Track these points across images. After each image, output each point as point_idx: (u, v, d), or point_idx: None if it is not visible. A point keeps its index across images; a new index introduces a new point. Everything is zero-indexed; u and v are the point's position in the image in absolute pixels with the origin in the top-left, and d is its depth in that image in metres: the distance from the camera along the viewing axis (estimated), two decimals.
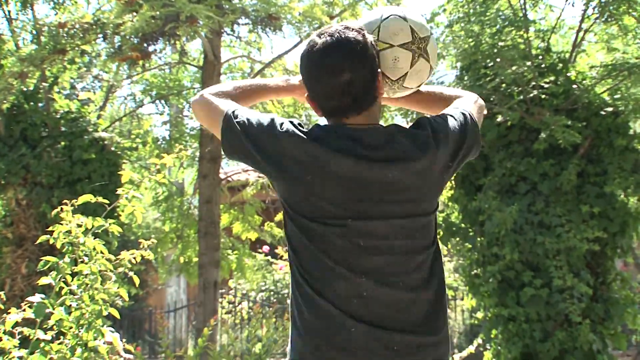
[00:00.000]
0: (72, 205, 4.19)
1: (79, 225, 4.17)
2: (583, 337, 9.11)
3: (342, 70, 2.85)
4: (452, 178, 10.45)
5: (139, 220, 4.45)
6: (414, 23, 3.05)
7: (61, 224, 4.14)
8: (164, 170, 12.54)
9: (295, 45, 12.60)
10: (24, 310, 3.85)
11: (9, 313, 3.90)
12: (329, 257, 2.81)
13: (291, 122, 2.92)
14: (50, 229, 4.18)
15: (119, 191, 4.55)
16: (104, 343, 4.10)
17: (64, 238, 4.12)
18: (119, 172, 11.09)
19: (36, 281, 10.38)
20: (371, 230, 2.82)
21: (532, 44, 10.00)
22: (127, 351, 4.37)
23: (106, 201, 4.24)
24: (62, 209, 4.19)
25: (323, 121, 3.07)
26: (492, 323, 9.71)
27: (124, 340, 4.43)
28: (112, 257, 4.23)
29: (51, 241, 4.12)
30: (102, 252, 4.17)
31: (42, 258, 4.10)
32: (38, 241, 4.18)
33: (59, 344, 4.04)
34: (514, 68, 9.41)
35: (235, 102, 3.06)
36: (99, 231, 4.22)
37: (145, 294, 20.86)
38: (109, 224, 4.24)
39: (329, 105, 2.94)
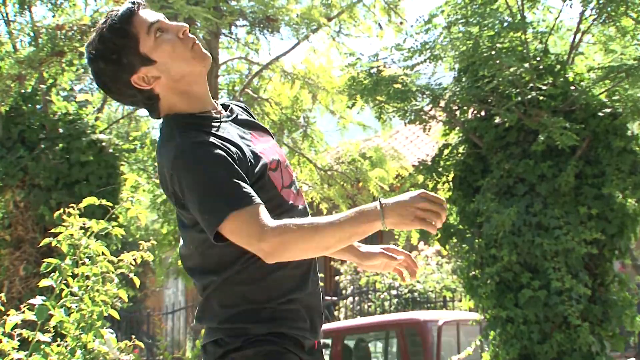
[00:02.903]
0: (78, 209, 4.19)
1: (82, 228, 4.18)
2: (582, 338, 9.12)
3: None
4: (450, 180, 10.47)
5: (143, 222, 4.47)
6: None
7: (64, 226, 4.15)
8: None
9: (293, 47, 12.61)
10: (24, 312, 3.86)
11: (8, 315, 3.91)
12: None
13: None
14: (52, 231, 4.18)
15: (123, 194, 4.58)
16: (104, 345, 4.11)
17: (67, 241, 4.13)
18: (121, 175, 11.11)
19: (34, 283, 10.35)
20: None
21: (530, 46, 10.01)
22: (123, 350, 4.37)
23: (109, 204, 4.25)
24: (64, 211, 4.19)
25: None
26: (491, 324, 9.71)
27: (132, 337, 4.44)
28: (114, 259, 4.24)
29: (54, 243, 4.12)
30: (103, 254, 4.17)
31: (42, 260, 4.11)
32: (41, 244, 4.19)
33: (58, 345, 4.04)
34: (512, 70, 9.41)
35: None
36: (102, 234, 4.23)
37: (143, 295, 20.88)
38: (112, 226, 4.25)
39: None
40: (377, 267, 3.22)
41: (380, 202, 2.51)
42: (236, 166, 2.61)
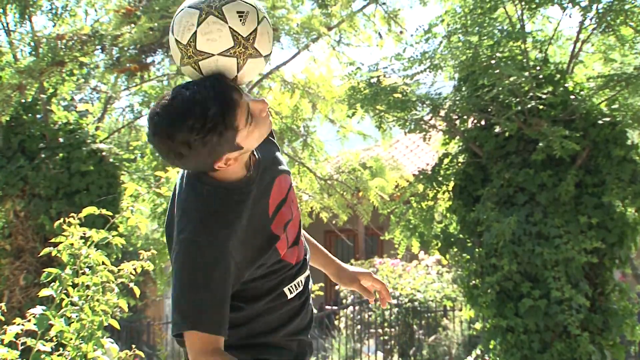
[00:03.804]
0: (78, 219, 4.20)
1: (82, 238, 4.18)
2: (582, 348, 9.11)
3: None
4: (450, 189, 10.48)
5: (143, 231, 4.48)
6: (234, 20, 2.63)
7: (64, 236, 4.15)
8: (168, 184, 12.53)
9: (294, 56, 12.62)
10: (29, 320, 3.86)
11: (11, 324, 3.91)
12: None
13: None
14: (53, 240, 4.19)
15: (123, 204, 4.59)
16: (104, 354, 4.11)
17: (67, 250, 4.13)
18: (122, 185, 11.11)
19: (34, 293, 10.33)
20: None
21: (530, 55, 10.02)
22: None
23: (110, 213, 4.25)
24: (65, 221, 4.20)
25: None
26: (491, 334, 9.71)
27: (133, 346, 4.44)
28: (115, 269, 4.24)
29: (54, 253, 4.12)
30: (104, 264, 4.18)
31: (42, 270, 4.11)
32: (41, 253, 4.19)
33: (58, 355, 4.04)
34: (511, 79, 9.42)
35: None
36: (102, 243, 4.23)
37: (143, 305, 20.84)
38: (112, 236, 4.26)
39: None
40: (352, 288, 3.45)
41: None
42: (228, 281, 2.72)
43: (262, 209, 2.86)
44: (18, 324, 3.87)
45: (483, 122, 10.27)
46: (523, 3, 9.92)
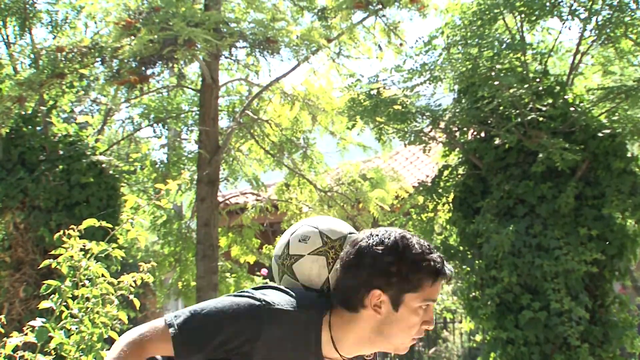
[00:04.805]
0: (78, 231, 4.19)
1: (82, 250, 4.17)
2: None
3: None
4: (450, 201, 10.46)
5: (143, 244, 4.47)
6: (324, 228, 2.89)
7: (64, 248, 4.14)
8: (168, 196, 12.51)
9: (293, 69, 12.60)
10: (26, 334, 3.85)
11: (9, 337, 3.90)
12: None
13: None
14: (52, 252, 4.18)
15: (123, 216, 4.57)
16: None
17: (67, 262, 4.12)
18: (121, 197, 11.11)
19: (34, 305, 10.31)
20: None
21: (530, 67, 10.03)
22: None
23: (110, 225, 4.25)
24: (64, 233, 4.19)
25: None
26: (491, 346, 9.69)
27: None
28: (115, 281, 4.24)
29: (54, 265, 4.12)
30: (103, 276, 4.17)
31: (42, 282, 4.10)
32: (41, 265, 4.18)
33: None
34: (511, 91, 9.42)
35: None
36: (102, 255, 4.23)
37: (143, 317, 20.79)
38: (112, 248, 4.25)
39: None
40: None
41: None
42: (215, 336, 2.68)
43: None
44: (17, 337, 3.87)
45: (483, 134, 10.27)
46: (523, 15, 9.93)
